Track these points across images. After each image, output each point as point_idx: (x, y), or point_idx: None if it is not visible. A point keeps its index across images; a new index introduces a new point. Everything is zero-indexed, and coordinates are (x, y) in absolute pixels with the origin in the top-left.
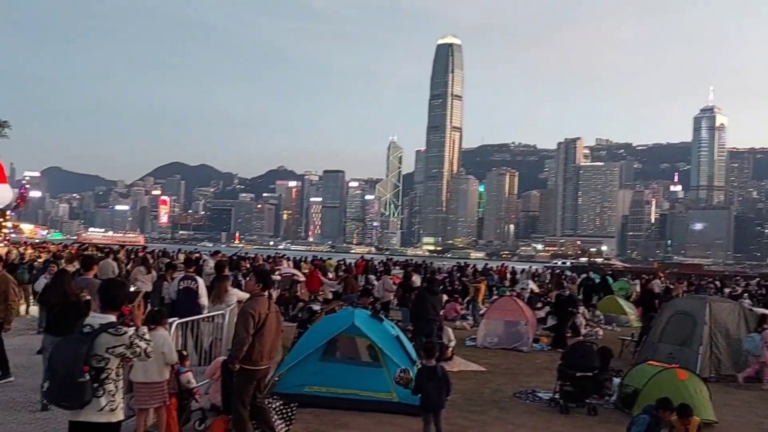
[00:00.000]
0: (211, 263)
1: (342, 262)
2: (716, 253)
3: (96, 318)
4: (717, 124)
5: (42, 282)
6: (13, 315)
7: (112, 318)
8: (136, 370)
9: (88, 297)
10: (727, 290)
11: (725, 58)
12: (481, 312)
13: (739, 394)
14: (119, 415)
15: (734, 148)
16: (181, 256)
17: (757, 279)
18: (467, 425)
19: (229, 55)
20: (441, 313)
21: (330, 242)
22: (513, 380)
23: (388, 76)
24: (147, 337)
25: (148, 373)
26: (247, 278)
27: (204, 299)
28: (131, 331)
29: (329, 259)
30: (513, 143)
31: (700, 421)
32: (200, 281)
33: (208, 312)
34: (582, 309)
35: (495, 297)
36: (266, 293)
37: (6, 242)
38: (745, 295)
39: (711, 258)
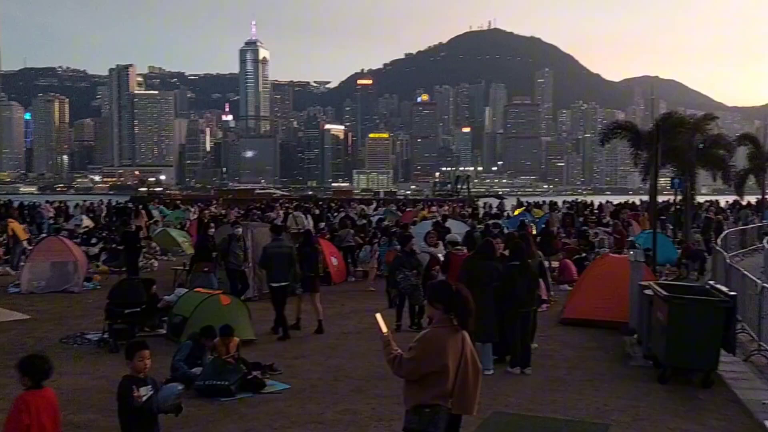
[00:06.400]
0: None
1: None
2: (267, 178)
3: None
4: (260, 57)
5: None
6: None
7: None
8: None
9: None
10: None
11: None
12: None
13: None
14: None
15: (277, 80)
16: None
17: (296, 203)
18: (5, 382)
19: None
20: None
21: None
22: (61, 325)
23: None
24: None
25: None
26: None
27: None
28: None
29: None
30: (60, 68)
31: (239, 341)
32: None
33: None
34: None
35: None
36: None
37: None
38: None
39: (262, 183)
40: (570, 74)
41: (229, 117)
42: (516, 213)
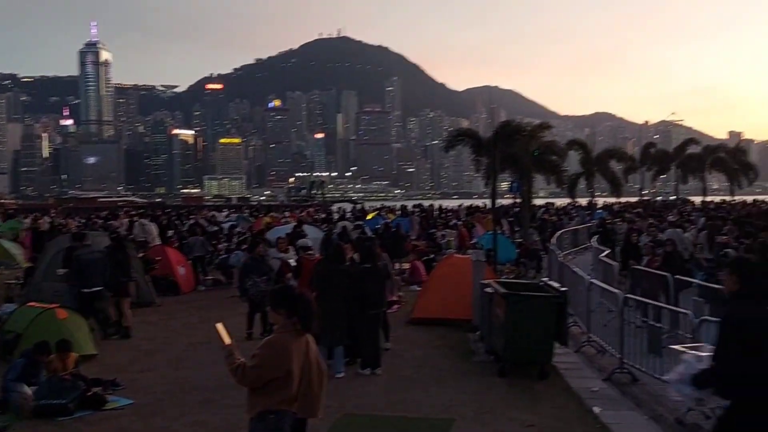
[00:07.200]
0: None
1: None
2: (111, 185)
3: None
4: (102, 59)
5: None
6: None
7: None
8: None
9: None
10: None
11: None
12: None
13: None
14: None
15: (120, 84)
16: None
17: (142, 210)
18: None
19: None
20: None
21: None
22: None
23: None
24: None
25: None
26: None
27: None
28: None
29: None
30: None
31: (78, 356)
32: None
33: None
34: None
35: None
36: None
37: None
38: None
39: (106, 190)
40: (417, 83)
41: (69, 121)
42: (369, 217)
